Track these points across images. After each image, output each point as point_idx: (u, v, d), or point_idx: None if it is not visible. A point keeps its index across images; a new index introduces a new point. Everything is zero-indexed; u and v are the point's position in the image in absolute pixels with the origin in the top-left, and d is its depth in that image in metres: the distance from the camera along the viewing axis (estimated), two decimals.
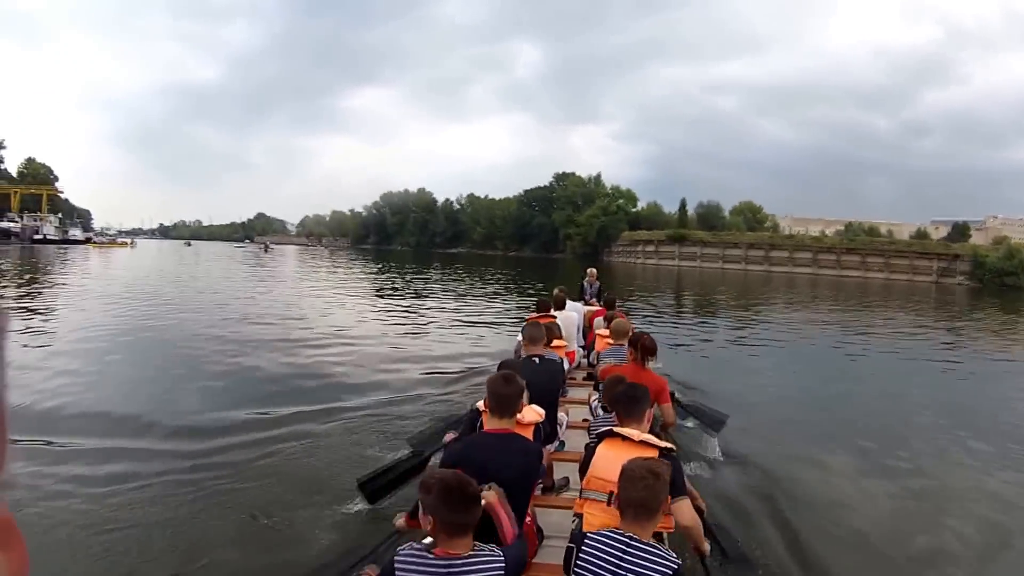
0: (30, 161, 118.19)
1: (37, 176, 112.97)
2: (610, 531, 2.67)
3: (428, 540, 2.54)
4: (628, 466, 2.74)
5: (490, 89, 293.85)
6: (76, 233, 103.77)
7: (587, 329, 9.66)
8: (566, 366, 6.43)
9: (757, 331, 19.07)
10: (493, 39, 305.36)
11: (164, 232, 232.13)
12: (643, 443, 3.35)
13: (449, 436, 4.81)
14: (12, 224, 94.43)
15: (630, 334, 6.25)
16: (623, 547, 2.57)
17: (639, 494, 2.62)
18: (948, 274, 52.88)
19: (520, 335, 6.19)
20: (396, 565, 2.48)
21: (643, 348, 5.43)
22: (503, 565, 2.52)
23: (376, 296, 26.00)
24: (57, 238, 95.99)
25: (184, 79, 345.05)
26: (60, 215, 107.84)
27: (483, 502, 2.86)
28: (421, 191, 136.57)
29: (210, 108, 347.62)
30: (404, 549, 2.52)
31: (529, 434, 3.67)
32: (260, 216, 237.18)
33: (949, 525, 5.37)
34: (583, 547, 2.65)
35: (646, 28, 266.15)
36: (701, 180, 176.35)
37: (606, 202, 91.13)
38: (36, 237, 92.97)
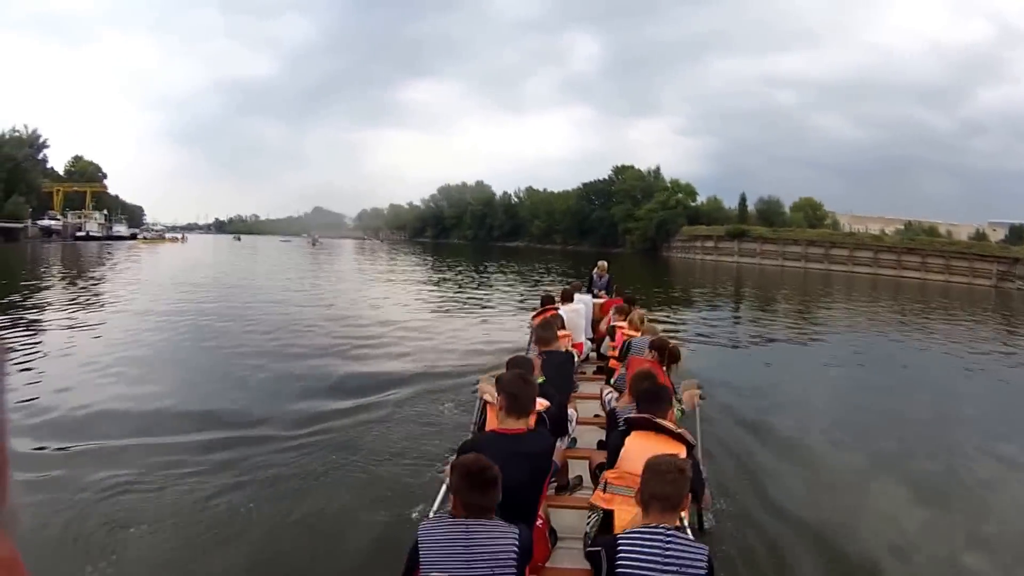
0: (77, 159, 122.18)
1: (84, 174, 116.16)
2: (644, 528, 2.69)
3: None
4: (654, 461, 2.81)
5: (548, 82, 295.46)
6: (121, 229, 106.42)
7: (596, 321, 9.92)
8: (575, 359, 6.64)
9: (816, 332, 19.29)
10: (550, 31, 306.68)
11: (220, 227, 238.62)
12: (677, 437, 3.54)
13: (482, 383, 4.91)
14: (53, 222, 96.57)
15: (658, 334, 6.62)
16: (663, 542, 2.59)
17: (665, 489, 2.68)
18: (1007, 278, 53.28)
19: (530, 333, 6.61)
20: (419, 534, 2.70)
21: (670, 355, 5.71)
22: (517, 538, 2.70)
23: (434, 288, 27.27)
24: (100, 235, 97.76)
25: (238, 74, 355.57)
26: (106, 212, 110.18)
27: None
28: (479, 184, 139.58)
29: (265, 103, 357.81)
30: (426, 521, 2.73)
31: (533, 424, 3.76)
32: (317, 210, 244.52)
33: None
34: (621, 548, 2.64)
35: (702, 19, 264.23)
36: (760, 175, 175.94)
37: (665, 196, 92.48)
38: (79, 234, 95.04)
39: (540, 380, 4.41)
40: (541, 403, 3.92)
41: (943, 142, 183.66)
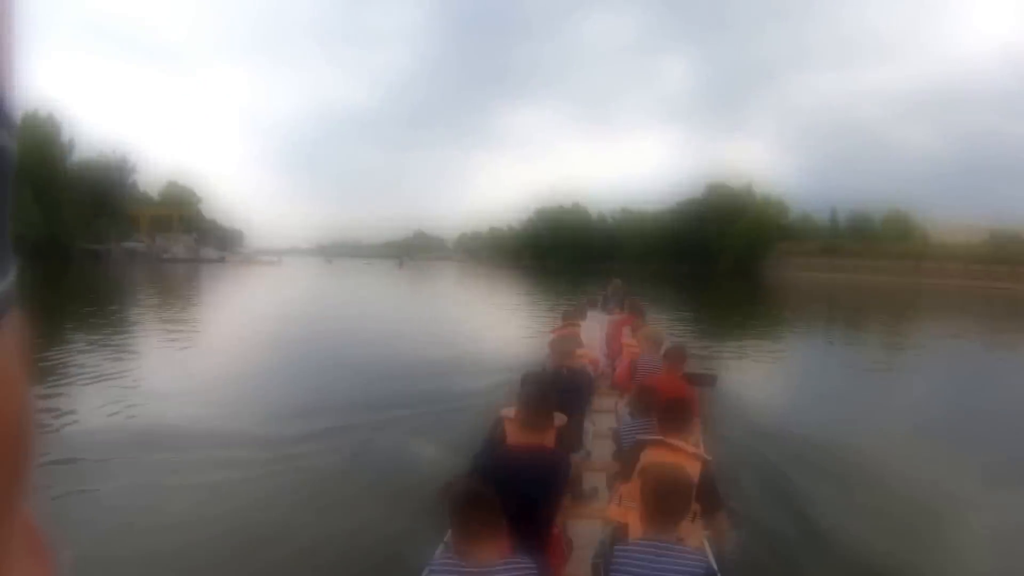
0: (171, 183, 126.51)
1: (179, 198, 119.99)
2: (639, 541, 2.74)
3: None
4: (654, 472, 2.87)
5: (641, 103, 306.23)
6: (209, 252, 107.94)
7: (610, 338, 10.08)
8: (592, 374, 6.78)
9: (910, 353, 18.67)
10: (642, 53, 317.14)
11: (323, 250, 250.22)
12: (695, 455, 3.60)
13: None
14: (138, 244, 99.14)
15: (664, 344, 6.79)
16: (653, 553, 2.62)
17: (663, 500, 2.72)
18: None
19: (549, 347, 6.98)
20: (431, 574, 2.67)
21: (677, 355, 5.91)
22: None
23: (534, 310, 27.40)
24: (186, 257, 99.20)
25: (339, 102, 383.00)
26: (195, 235, 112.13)
27: None
28: (575, 206, 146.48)
29: (367, 129, 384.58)
30: (435, 561, 2.77)
31: (552, 439, 3.84)
32: (418, 234, 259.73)
33: None
34: (615, 560, 2.70)
35: (784, 36, 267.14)
36: (848, 190, 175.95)
37: (758, 213, 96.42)
38: (164, 257, 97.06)
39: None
40: (559, 418, 3.98)
41: None
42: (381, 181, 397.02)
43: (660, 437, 3.72)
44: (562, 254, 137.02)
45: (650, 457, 3.50)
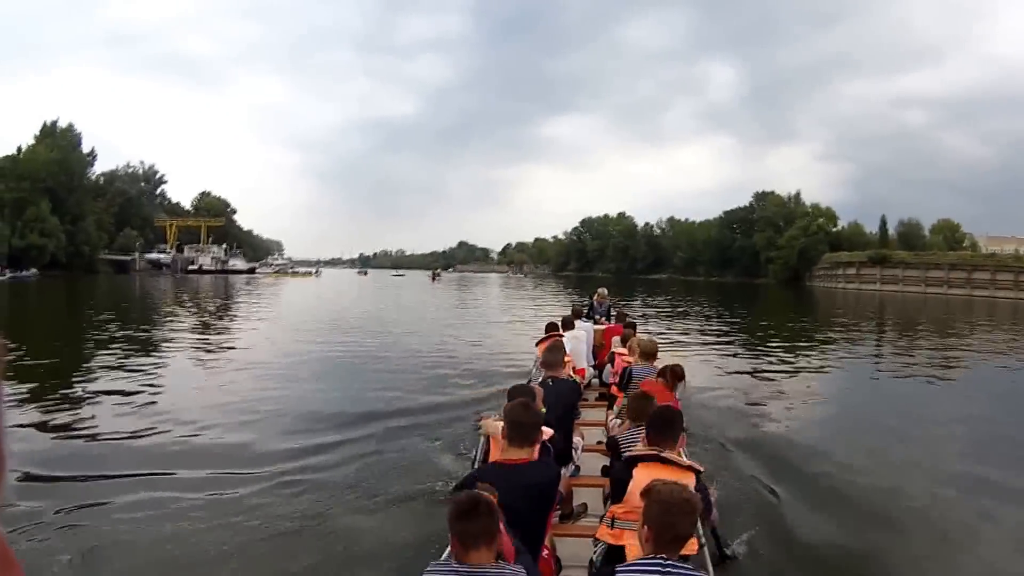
0: (204, 195, 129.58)
1: (212, 209, 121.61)
2: (642, 560, 2.74)
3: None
4: (661, 491, 2.81)
5: (686, 112, 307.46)
6: (237, 264, 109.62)
7: (598, 348, 10.25)
8: (580, 386, 6.81)
9: (958, 370, 17.58)
10: (685, 61, 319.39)
11: (364, 262, 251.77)
12: (689, 468, 3.62)
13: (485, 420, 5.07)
14: (162, 255, 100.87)
15: (657, 354, 6.92)
16: (660, 569, 2.63)
17: (670, 520, 2.71)
18: None
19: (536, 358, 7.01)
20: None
21: (673, 374, 6.01)
22: None
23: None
24: (214, 269, 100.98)
25: (378, 114, 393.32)
26: (225, 246, 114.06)
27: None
28: (621, 216, 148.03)
29: (408, 140, 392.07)
30: (432, 565, 2.83)
31: (536, 452, 3.80)
32: (462, 244, 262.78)
33: None
34: None
35: (828, 42, 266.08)
36: (896, 199, 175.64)
37: (806, 222, 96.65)
38: (190, 268, 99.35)
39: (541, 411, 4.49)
40: (546, 432, 4.00)
41: None
42: (425, 191, 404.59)
43: (654, 451, 3.73)
44: (608, 264, 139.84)
45: (644, 474, 3.49)
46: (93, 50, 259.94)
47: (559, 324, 9.48)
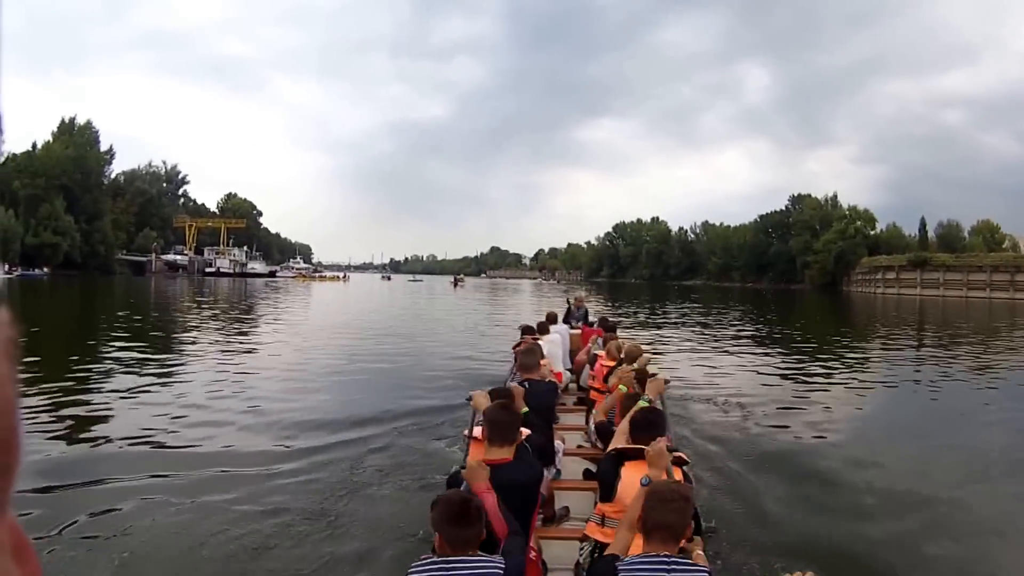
0: (230, 196, 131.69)
1: (237, 211, 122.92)
2: (645, 556, 2.77)
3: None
4: (658, 488, 2.91)
5: (722, 115, 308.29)
6: (256, 267, 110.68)
7: (574, 352, 10.29)
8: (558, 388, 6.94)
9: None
10: (720, 64, 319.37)
11: (395, 267, 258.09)
12: (675, 460, 3.69)
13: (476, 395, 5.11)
14: (179, 256, 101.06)
15: (637, 360, 6.76)
16: (665, 569, 2.67)
17: (670, 517, 2.77)
18: None
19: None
20: (411, 573, 2.81)
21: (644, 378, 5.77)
22: (502, 570, 2.81)
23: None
24: (232, 271, 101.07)
25: (412, 117, 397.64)
26: (246, 248, 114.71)
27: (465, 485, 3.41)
28: (655, 220, 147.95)
29: (441, 145, 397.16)
30: (415, 564, 2.87)
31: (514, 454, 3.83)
32: (494, 250, 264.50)
33: None
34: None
35: (863, 43, 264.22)
36: (934, 201, 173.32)
37: (843, 225, 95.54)
38: (208, 270, 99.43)
39: (524, 411, 4.71)
40: (523, 432, 4.08)
41: None
42: (458, 196, 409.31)
43: (640, 447, 3.75)
44: (641, 270, 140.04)
45: (633, 472, 3.59)
46: (129, 53, 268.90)
47: (535, 327, 9.71)
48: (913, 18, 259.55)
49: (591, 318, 13.32)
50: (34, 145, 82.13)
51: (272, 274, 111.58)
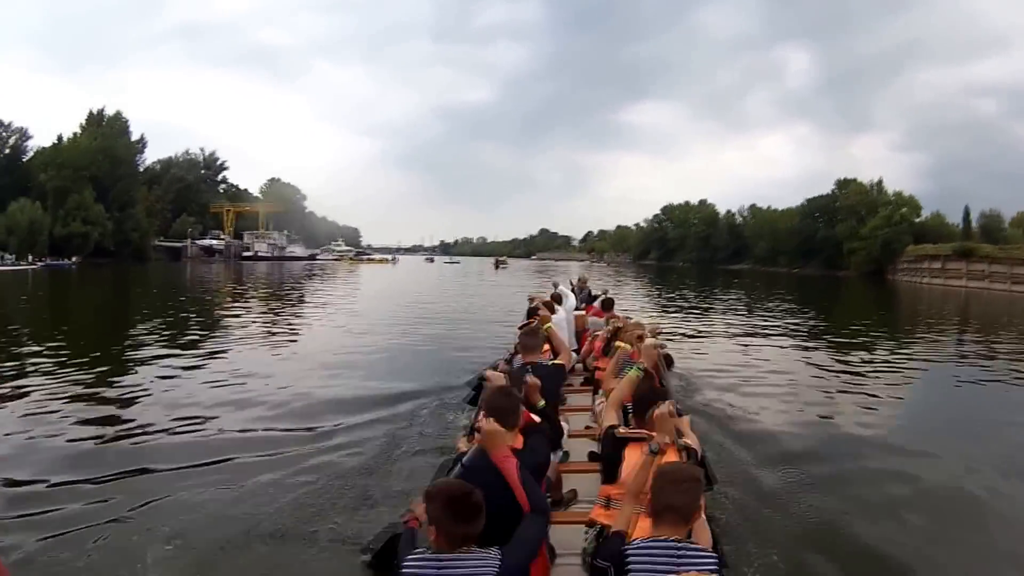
0: (273, 181, 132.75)
1: (280, 196, 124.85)
2: (653, 540, 2.76)
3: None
4: (667, 470, 2.90)
5: (765, 99, 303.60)
6: (295, 250, 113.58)
7: (579, 333, 10.37)
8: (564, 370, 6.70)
9: None
10: (761, 47, 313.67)
11: (445, 249, 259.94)
12: (684, 447, 3.69)
13: (489, 372, 5.64)
14: (215, 241, 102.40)
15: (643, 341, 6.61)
16: (675, 553, 2.66)
17: (679, 499, 2.76)
18: None
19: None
20: (403, 569, 2.76)
21: (664, 360, 5.91)
22: (497, 567, 2.71)
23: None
24: (270, 255, 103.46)
25: (457, 101, 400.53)
26: (286, 232, 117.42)
27: (483, 435, 3.38)
28: (702, 203, 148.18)
29: (488, 128, 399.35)
30: (410, 556, 2.78)
31: (519, 440, 3.81)
32: (543, 232, 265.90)
33: None
34: (631, 562, 2.69)
35: (899, 29, 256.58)
36: (972, 191, 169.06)
37: (889, 211, 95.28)
38: (245, 255, 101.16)
39: (541, 404, 4.71)
40: (535, 420, 4.15)
41: None
42: (506, 178, 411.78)
43: (643, 432, 3.75)
44: (688, 253, 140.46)
45: (635, 454, 3.56)
46: (167, 46, 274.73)
47: (540, 308, 9.27)
48: (948, 2, 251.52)
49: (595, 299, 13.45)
50: (59, 138, 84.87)
51: (312, 257, 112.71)
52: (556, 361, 6.09)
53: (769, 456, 8.07)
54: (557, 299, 10.50)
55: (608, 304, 10.60)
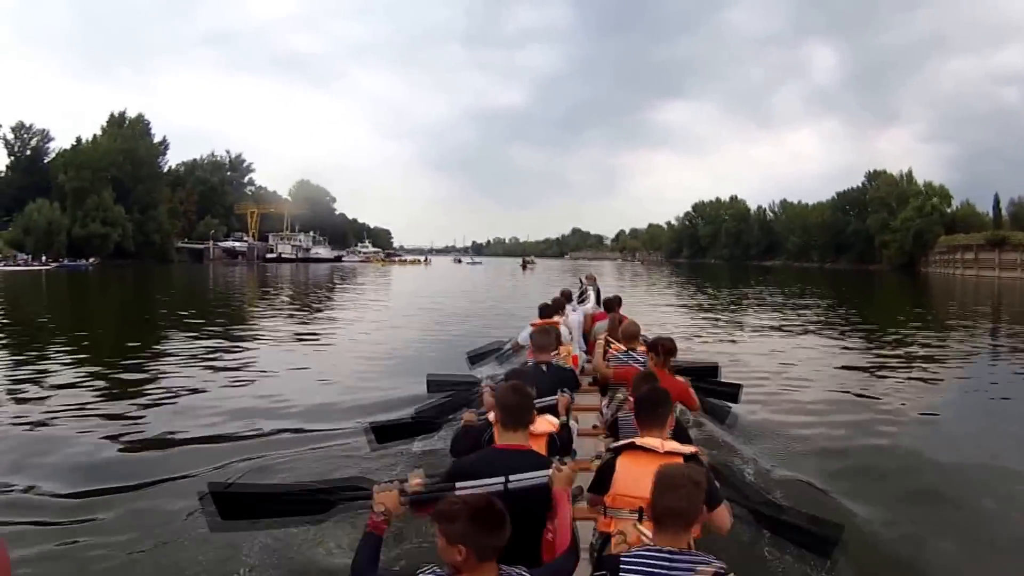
0: (302, 183, 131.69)
1: (309, 197, 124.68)
2: (647, 548, 2.72)
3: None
4: (666, 473, 2.78)
5: (793, 95, 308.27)
6: (320, 251, 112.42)
7: (587, 334, 10.32)
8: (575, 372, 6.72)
9: None
10: (788, 44, 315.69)
11: (478, 250, 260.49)
12: (668, 453, 3.50)
13: (466, 415, 5.03)
14: (238, 243, 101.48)
15: (641, 337, 6.93)
16: (667, 562, 2.60)
17: (679, 503, 2.67)
18: None
19: (527, 341, 7.25)
20: None
21: (664, 351, 5.91)
22: None
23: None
24: (294, 257, 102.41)
25: (490, 104, 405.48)
26: (312, 234, 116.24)
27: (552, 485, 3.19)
28: (733, 199, 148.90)
29: (521, 130, 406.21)
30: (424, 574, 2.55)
31: (542, 446, 3.81)
32: (575, 231, 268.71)
33: None
34: (623, 570, 2.65)
35: (923, 21, 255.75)
36: (1003, 179, 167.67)
37: (920, 201, 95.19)
38: (269, 256, 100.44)
39: (562, 420, 4.65)
40: (551, 422, 4.14)
41: None
42: (539, 179, 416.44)
43: (635, 441, 3.64)
44: (721, 250, 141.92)
45: (627, 464, 3.51)
46: (199, 51, 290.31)
47: (550, 308, 9.39)
48: None
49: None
50: (79, 139, 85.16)
51: (338, 259, 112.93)
52: (567, 364, 6.26)
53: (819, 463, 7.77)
54: (567, 296, 10.95)
55: (611, 304, 10.26)
